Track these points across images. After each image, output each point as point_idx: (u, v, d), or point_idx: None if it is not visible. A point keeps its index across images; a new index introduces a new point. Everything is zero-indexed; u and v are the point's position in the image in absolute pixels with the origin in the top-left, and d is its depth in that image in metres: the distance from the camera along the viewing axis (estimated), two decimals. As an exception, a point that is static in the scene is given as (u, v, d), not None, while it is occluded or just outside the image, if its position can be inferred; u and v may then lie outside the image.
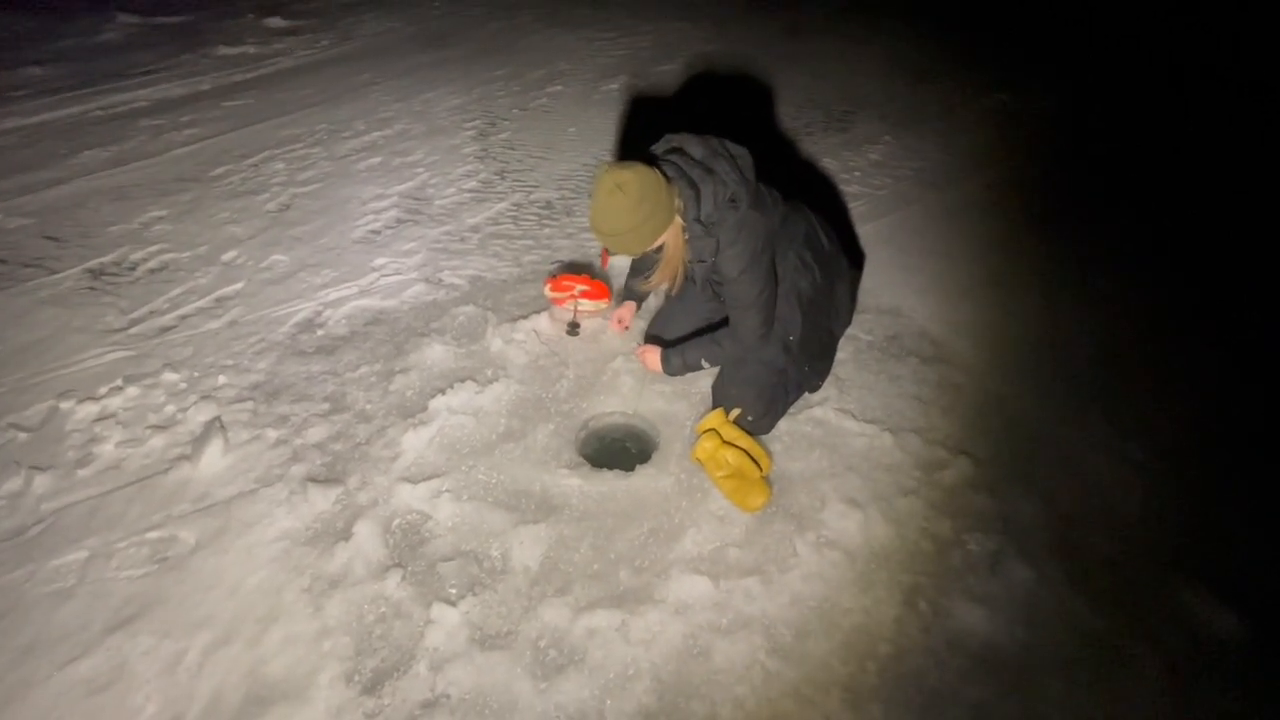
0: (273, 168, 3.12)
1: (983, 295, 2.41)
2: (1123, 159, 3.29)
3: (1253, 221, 2.85)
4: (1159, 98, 3.86)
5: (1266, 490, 1.79)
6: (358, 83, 3.96)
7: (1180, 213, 2.90)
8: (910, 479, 1.76)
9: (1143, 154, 3.33)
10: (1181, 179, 3.14)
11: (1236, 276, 2.55)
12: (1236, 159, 3.31)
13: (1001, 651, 1.43)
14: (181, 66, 4.09)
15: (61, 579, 1.54)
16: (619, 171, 1.54)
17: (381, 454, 1.81)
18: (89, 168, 3.10)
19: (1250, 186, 3.09)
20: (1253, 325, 2.33)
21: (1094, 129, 3.58)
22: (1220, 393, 2.07)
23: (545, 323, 2.21)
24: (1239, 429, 1.96)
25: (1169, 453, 1.87)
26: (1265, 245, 2.71)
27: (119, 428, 1.89)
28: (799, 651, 1.42)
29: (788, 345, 1.82)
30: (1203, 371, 2.14)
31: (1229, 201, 2.97)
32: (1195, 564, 1.59)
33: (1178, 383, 2.10)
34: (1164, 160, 3.27)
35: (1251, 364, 2.18)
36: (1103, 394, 2.04)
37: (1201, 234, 2.76)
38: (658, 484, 1.74)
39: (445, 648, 1.41)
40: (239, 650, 1.41)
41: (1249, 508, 1.74)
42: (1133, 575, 1.58)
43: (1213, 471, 1.83)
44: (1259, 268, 2.59)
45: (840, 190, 2.99)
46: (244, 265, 2.53)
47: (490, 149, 3.31)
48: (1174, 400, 2.03)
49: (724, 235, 1.65)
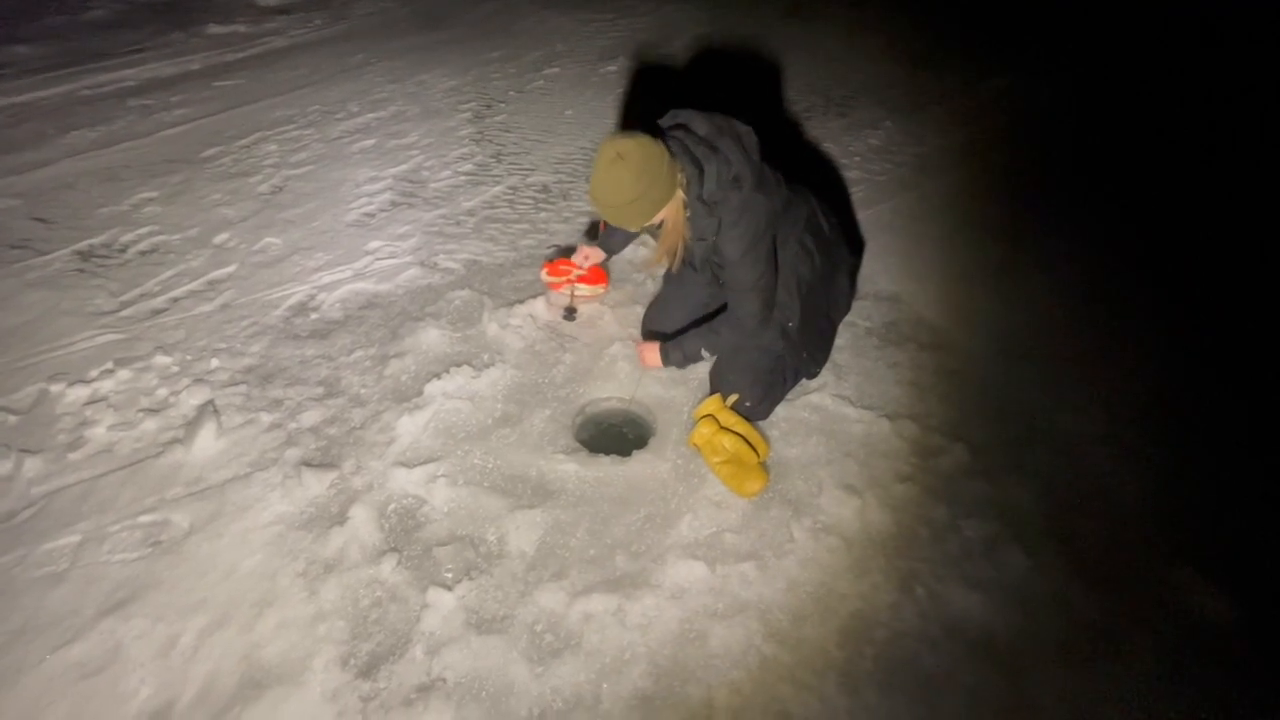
0: (265, 149, 3.07)
1: (981, 282, 2.40)
2: (1123, 146, 3.27)
3: (1253, 212, 2.84)
4: (1159, 84, 3.84)
5: (1260, 477, 1.80)
6: (351, 63, 3.89)
7: (1182, 202, 2.89)
8: (907, 465, 1.76)
9: (1144, 141, 3.31)
10: (1182, 168, 3.12)
11: (1238, 266, 2.54)
12: (1239, 147, 3.29)
13: (997, 637, 1.44)
14: (171, 45, 4.00)
15: (53, 563, 1.53)
16: (622, 141, 1.50)
17: (376, 438, 1.79)
18: (77, 148, 3.04)
19: (1251, 176, 3.08)
20: (1252, 314, 2.32)
21: (1094, 115, 3.56)
22: (1217, 381, 2.07)
23: (541, 307, 2.19)
24: (1235, 416, 1.96)
25: (1164, 439, 1.87)
26: (1265, 236, 2.71)
27: (110, 411, 1.87)
28: (795, 636, 1.42)
29: (786, 331, 1.80)
30: (1200, 360, 2.14)
31: (1230, 192, 2.96)
32: (1190, 550, 1.60)
33: (1175, 370, 2.10)
34: (1165, 148, 3.25)
35: (1249, 353, 2.18)
36: (1100, 381, 2.03)
37: (1203, 223, 2.75)
38: (654, 469, 1.74)
39: (441, 632, 1.41)
40: (233, 634, 1.40)
41: (1243, 494, 1.75)
42: (1127, 561, 1.59)
43: (1208, 458, 1.84)
44: (1260, 259, 2.59)
45: (840, 175, 2.96)
46: (236, 248, 2.49)
47: (486, 131, 3.26)
48: (1171, 387, 2.03)
49: (726, 215, 1.62)
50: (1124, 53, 4.19)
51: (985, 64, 3.98)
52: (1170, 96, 3.72)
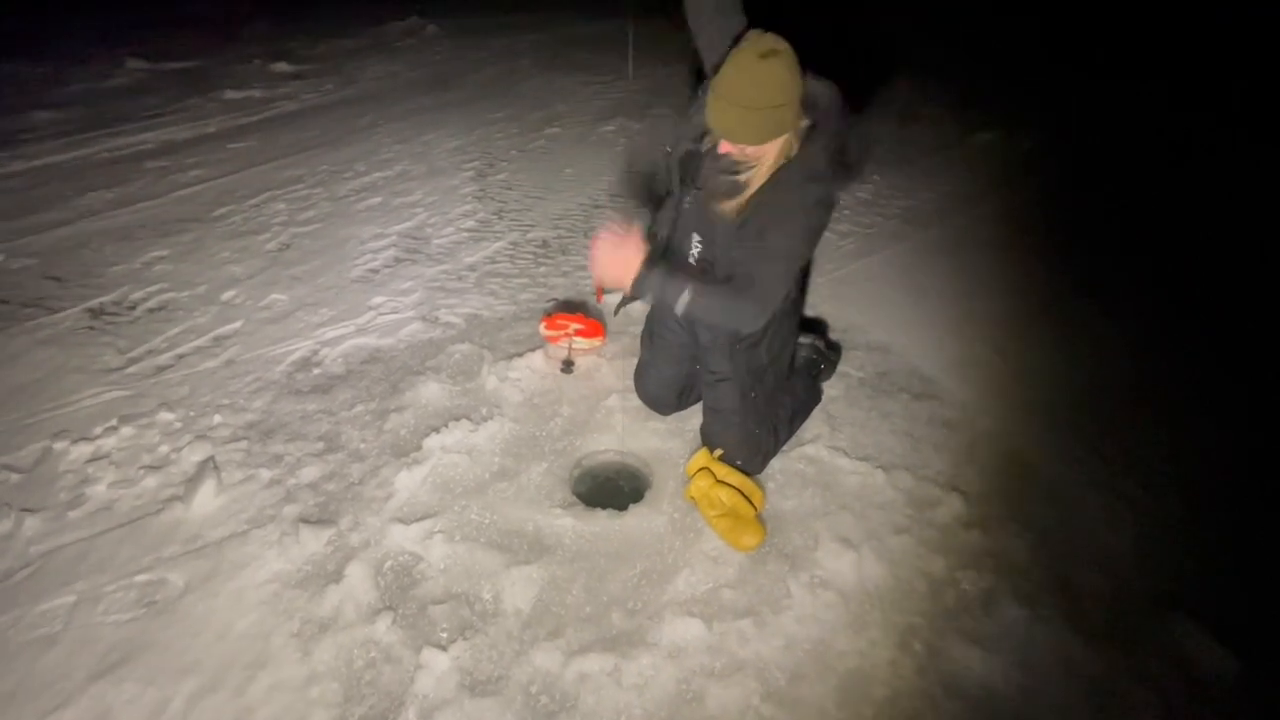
0: (274, 208, 3.18)
1: (972, 331, 2.44)
2: (1109, 194, 3.37)
3: (1244, 255, 2.90)
4: (1145, 133, 3.97)
5: (1261, 526, 1.79)
6: (360, 125, 4.06)
7: (1169, 246, 2.96)
8: (903, 517, 1.76)
9: (1129, 189, 3.41)
10: (1169, 212, 3.21)
11: (1229, 309, 2.58)
12: (1226, 192, 3.38)
13: (997, 694, 1.42)
14: (188, 110, 4.19)
15: (47, 624, 1.52)
16: (772, 39, 1.31)
17: (374, 494, 1.81)
18: (93, 209, 3.15)
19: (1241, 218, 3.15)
20: (1246, 360, 2.35)
21: (1081, 166, 3.67)
22: (1214, 427, 2.08)
23: (540, 361, 2.23)
24: (1233, 464, 1.96)
25: (1162, 488, 1.87)
26: (1258, 279, 2.76)
27: (112, 468, 1.89)
28: (793, 696, 1.40)
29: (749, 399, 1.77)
30: (1195, 406, 2.16)
31: (1218, 234, 3.03)
32: (1190, 601, 1.58)
33: (1170, 417, 2.11)
34: (1151, 194, 3.35)
35: (1246, 399, 2.20)
36: (1094, 429, 2.05)
37: (1192, 267, 2.81)
38: (650, 524, 1.74)
39: (435, 694, 1.39)
40: (225, 698, 1.39)
41: (1243, 544, 1.74)
42: (1127, 613, 1.57)
43: (1207, 507, 1.83)
44: (1251, 301, 2.63)
45: (830, 228, 3.05)
46: (242, 304, 2.56)
47: (488, 189, 3.38)
48: (1167, 435, 2.04)
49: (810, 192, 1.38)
50: (1108, 103, 4.35)
51: (972, 118, 4.13)
52: (1159, 144, 3.85)
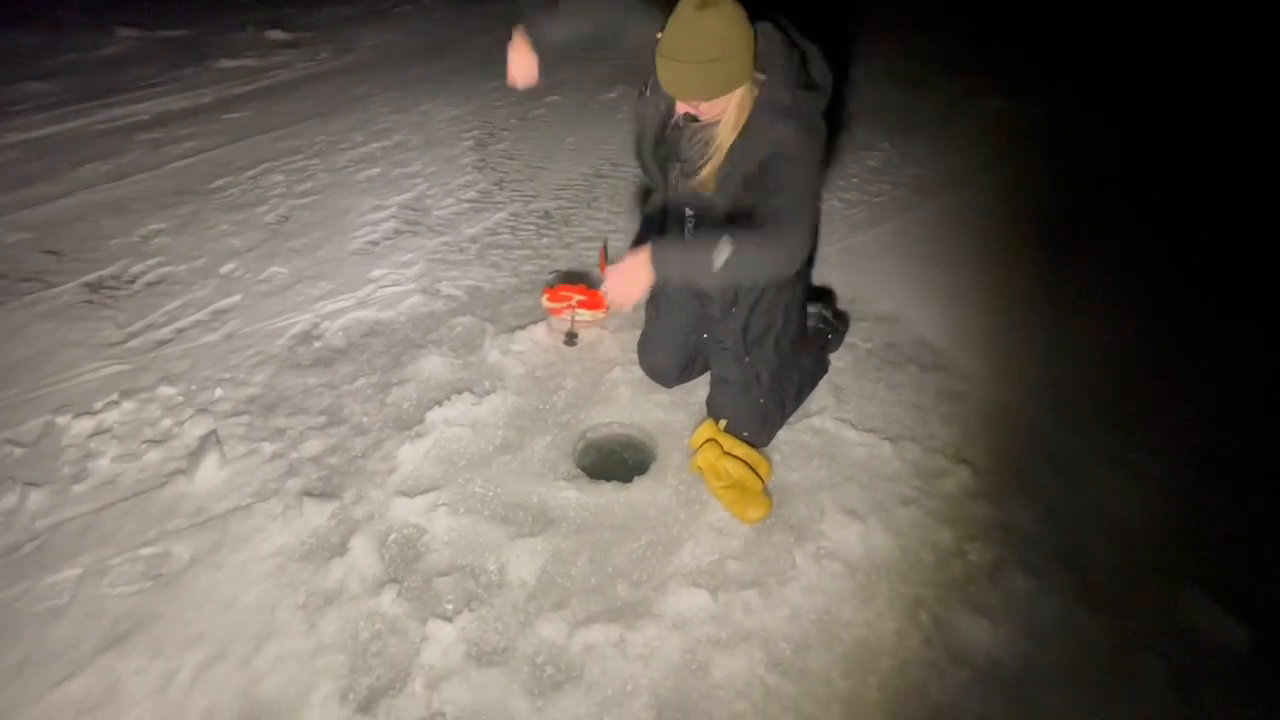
0: (271, 180, 3.13)
1: (981, 302, 2.40)
2: (1123, 164, 3.29)
3: (1258, 229, 2.83)
4: (1159, 102, 3.86)
5: (1271, 497, 1.77)
6: (357, 94, 3.97)
7: (1182, 218, 2.89)
8: (910, 488, 1.74)
9: (1143, 159, 3.32)
10: (1183, 184, 3.13)
11: (1240, 282, 2.53)
12: (1241, 164, 3.29)
13: (1004, 664, 1.41)
14: (182, 79, 4.10)
15: (55, 597, 1.53)
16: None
17: (378, 467, 1.80)
18: (89, 181, 3.10)
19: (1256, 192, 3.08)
20: (1258, 333, 2.31)
21: (1093, 133, 3.58)
22: (1223, 399, 2.05)
23: (543, 333, 2.21)
24: (1241, 435, 1.94)
25: (1170, 459, 1.85)
26: (1271, 252, 2.70)
27: (115, 442, 1.88)
28: (799, 666, 1.40)
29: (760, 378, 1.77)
30: (1205, 378, 2.12)
31: (1233, 207, 2.96)
32: (1198, 572, 1.57)
33: (1180, 389, 2.08)
34: (1165, 165, 3.26)
35: (1255, 372, 2.16)
36: (1103, 401, 2.02)
37: (1206, 240, 2.75)
38: (655, 496, 1.73)
39: (441, 665, 1.40)
40: (231, 669, 1.39)
41: (1252, 514, 1.73)
42: (1135, 584, 1.56)
43: (1214, 478, 1.81)
44: (1263, 275, 2.58)
45: (838, 196, 2.99)
46: (242, 278, 2.53)
47: (488, 159, 3.31)
48: (1175, 406, 2.01)
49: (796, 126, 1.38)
50: (1122, 70, 4.22)
51: (982, 85, 4.01)
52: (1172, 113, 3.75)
